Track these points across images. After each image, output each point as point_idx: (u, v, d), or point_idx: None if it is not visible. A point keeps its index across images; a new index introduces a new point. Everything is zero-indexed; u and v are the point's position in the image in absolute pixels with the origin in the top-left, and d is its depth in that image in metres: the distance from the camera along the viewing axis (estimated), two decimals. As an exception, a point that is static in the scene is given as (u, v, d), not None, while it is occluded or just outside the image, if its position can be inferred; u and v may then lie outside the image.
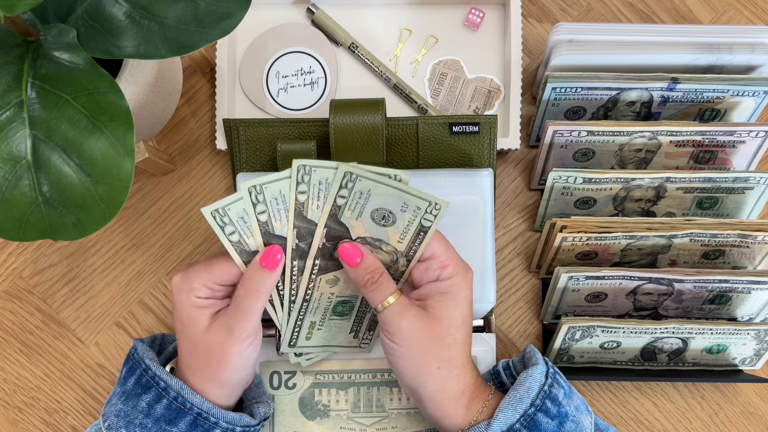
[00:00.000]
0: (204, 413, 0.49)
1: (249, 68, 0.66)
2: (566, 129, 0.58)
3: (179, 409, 0.49)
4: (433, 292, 0.50)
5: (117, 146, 0.44)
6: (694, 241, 0.59)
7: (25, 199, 0.44)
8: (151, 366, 0.50)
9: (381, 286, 0.50)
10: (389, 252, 0.51)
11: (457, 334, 0.50)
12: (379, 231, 0.50)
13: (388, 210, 0.49)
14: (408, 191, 0.49)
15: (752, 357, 0.60)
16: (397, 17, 0.67)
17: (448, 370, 0.49)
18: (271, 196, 0.49)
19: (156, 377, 0.50)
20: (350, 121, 0.57)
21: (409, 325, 0.49)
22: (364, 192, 0.49)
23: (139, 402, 0.49)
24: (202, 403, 0.49)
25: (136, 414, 0.49)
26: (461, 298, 0.50)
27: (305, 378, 0.58)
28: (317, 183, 0.49)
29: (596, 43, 0.59)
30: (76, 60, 0.44)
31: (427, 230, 0.50)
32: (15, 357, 0.64)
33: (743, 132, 0.59)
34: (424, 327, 0.49)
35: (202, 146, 0.66)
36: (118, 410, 0.50)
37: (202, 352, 0.49)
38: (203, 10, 0.46)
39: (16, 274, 0.65)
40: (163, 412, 0.49)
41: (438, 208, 0.49)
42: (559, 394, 0.49)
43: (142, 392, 0.50)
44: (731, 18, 0.68)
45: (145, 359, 0.51)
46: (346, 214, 0.50)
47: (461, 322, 0.50)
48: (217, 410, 0.50)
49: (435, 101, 0.66)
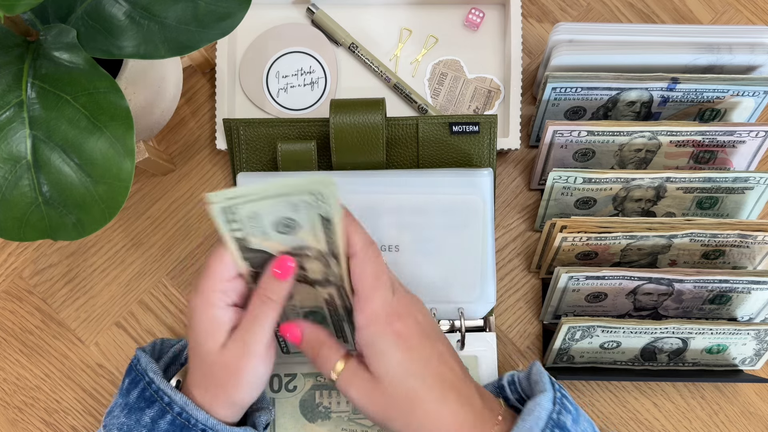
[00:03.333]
0: (209, 429, 0.48)
1: (249, 68, 0.66)
2: (566, 129, 0.58)
3: (183, 425, 0.48)
4: (361, 346, 0.47)
5: (117, 146, 0.44)
6: (694, 241, 0.59)
7: (25, 199, 0.44)
8: (155, 379, 0.49)
9: (323, 357, 0.48)
10: (316, 256, 0.46)
11: (411, 385, 0.45)
12: (292, 240, 0.46)
13: (283, 217, 0.45)
14: (285, 192, 0.43)
15: (752, 357, 0.60)
16: (397, 17, 0.67)
17: (430, 422, 0.45)
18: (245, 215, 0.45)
19: (160, 391, 0.48)
20: (350, 121, 0.57)
21: (359, 396, 0.46)
22: (252, 214, 0.45)
23: (143, 416, 0.48)
24: (207, 419, 0.48)
25: (139, 429, 0.48)
26: (386, 346, 0.45)
27: (306, 380, 0.58)
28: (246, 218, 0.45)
29: (596, 43, 0.59)
30: (76, 60, 0.44)
31: (331, 219, 0.44)
32: (15, 357, 0.64)
33: (743, 132, 0.59)
34: (372, 395, 0.46)
35: (202, 146, 0.66)
36: (120, 423, 0.49)
37: (217, 370, 0.48)
38: (203, 10, 0.46)
39: (16, 274, 0.65)
40: (166, 427, 0.48)
41: (322, 194, 0.42)
42: (567, 420, 0.47)
43: (146, 406, 0.48)
44: (731, 18, 0.68)
45: (148, 372, 0.49)
46: (253, 241, 0.46)
47: (404, 370, 0.45)
48: (223, 427, 0.48)
49: (435, 101, 0.66)
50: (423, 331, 0.47)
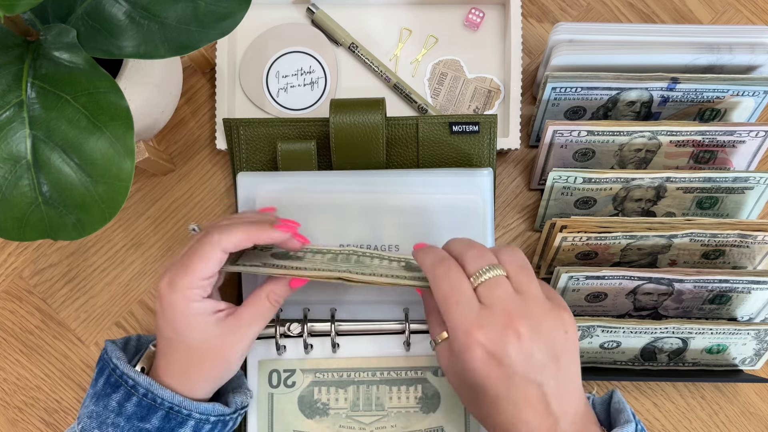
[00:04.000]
0: (176, 406, 0.49)
1: (249, 68, 0.66)
2: (566, 129, 0.58)
3: (150, 405, 0.49)
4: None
5: (117, 146, 0.44)
6: (694, 241, 0.59)
7: (25, 199, 0.44)
8: (119, 365, 0.50)
9: (433, 321, 0.49)
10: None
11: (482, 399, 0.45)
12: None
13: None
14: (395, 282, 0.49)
15: (752, 357, 0.60)
16: (397, 17, 0.67)
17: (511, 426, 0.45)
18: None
19: (124, 375, 0.50)
20: (350, 121, 0.57)
21: (448, 375, 0.47)
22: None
23: (110, 401, 0.49)
24: (172, 397, 0.49)
25: (107, 414, 0.49)
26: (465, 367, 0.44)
27: (304, 376, 0.58)
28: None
29: (596, 43, 0.59)
30: (76, 60, 0.44)
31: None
32: (15, 357, 0.64)
33: (743, 132, 0.59)
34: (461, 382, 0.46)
35: (202, 146, 0.66)
36: (90, 411, 0.50)
37: (206, 358, 0.50)
38: (203, 10, 0.46)
39: (16, 274, 0.65)
40: (134, 409, 0.49)
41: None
42: None
43: (112, 391, 0.50)
44: (731, 18, 0.68)
45: (113, 359, 0.50)
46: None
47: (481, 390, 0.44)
48: (189, 402, 0.50)
49: (435, 101, 0.66)
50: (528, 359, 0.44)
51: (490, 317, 0.43)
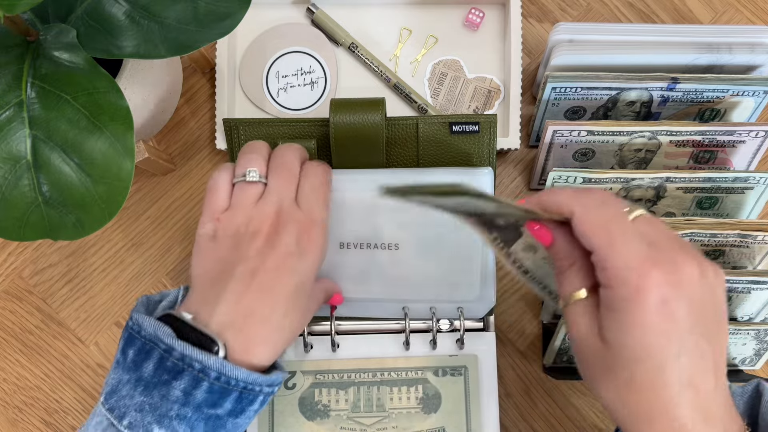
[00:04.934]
0: (249, 385, 0.43)
1: (249, 68, 0.66)
2: (566, 129, 0.58)
3: (223, 389, 0.42)
4: (602, 300, 0.37)
5: (117, 146, 0.44)
6: (693, 241, 0.59)
7: (25, 199, 0.44)
8: (175, 345, 0.42)
9: (570, 275, 0.40)
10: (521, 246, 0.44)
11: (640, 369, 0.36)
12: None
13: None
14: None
15: (752, 357, 0.60)
16: (397, 17, 0.67)
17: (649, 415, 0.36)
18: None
19: (186, 358, 0.42)
20: (350, 121, 0.57)
21: (578, 339, 0.38)
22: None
23: (171, 391, 0.42)
24: (247, 375, 0.43)
25: (169, 405, 0.41)
26: (633, 320, 0.35)
27: (305, 378, 0.58)
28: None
29: (596, 43, 0.59)
30: (76, 60, 0.44)
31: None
32: (15, 357, 0.64)
33: (743, 132, 0.59)
34: (591, 349, 0.38)
35: (202, 146, 0.66)
36: (139, 403, 0.42)
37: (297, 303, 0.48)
38: (203, 10, 0.46)
39: (16, 274, 0.65)
40: (204, 396, 0.42)
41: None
42: None
43: (172, 378, 0.42)
44: (731, 18, 0.68)
45: (162, 337, 0.42)
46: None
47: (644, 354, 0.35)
48: (261, 378, 0.44)
49: (435, 101, 0.66)
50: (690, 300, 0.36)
51: (661, 254, 0.35)
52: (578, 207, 0.38)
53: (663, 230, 0.37)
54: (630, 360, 0.36)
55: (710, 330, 0.36)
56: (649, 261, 0.35)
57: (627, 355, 0.36)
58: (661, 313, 0.35)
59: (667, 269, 0.35)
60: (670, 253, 0.36)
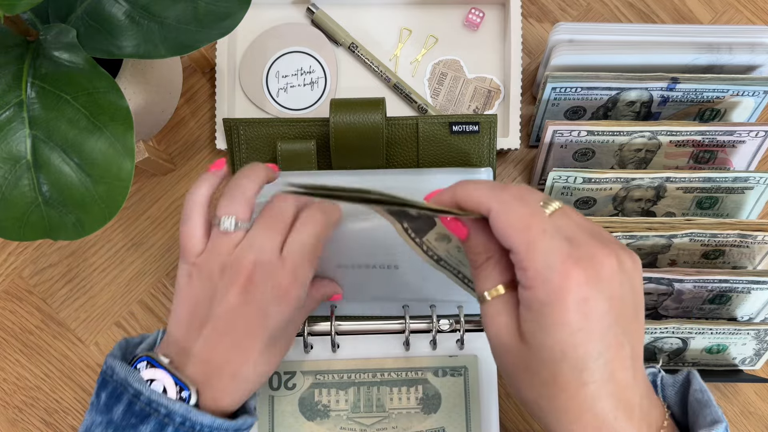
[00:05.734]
0: (215, 431, 0.44)
1: (249, 68, 0.66)
2: (566, 129, 0.58)
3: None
4: (521, 299, 0.36)
5: (117, 146, 0.44)
6: (693, 241, 0.59)
7: (25, 199, 0.44)
8: (143, 390, 0.43)
9: (486, 270, 0.38)
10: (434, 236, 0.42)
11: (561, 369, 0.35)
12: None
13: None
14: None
15: (752, 357, 0.60)
16: (397, 17, 0.67)
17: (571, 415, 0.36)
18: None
19: (153, 402, 0.43)
20: (350, 121, 0.57)
21: (496, 337, 0.37)
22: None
23: None
24: (212, 421, 0.44)
25: None
26: (554, 320, 0.34)
27: (305, 378, 0.58)
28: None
29: (596, 43, 0.59)
30: (75, 60, 0.44)
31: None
32: (15, 357, 0.64)
33: (743, 132, 0.59)
34: (509, 346, 0.37)
35: (202, 146, 0.66)
36: None
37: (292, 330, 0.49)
38: (203, 10, 0.46)
39: (16, 274, 0.65)
40: None
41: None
42: None
43: (139, 422, 0.43)
44: (731, 18, 0.68)
45: (132, 382, 0.43)
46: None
47: (565, 354, 0.35)
48: (227, 423, 0.45)
49: (435, 101, 0.66)
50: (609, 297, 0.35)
51: (580, 251, 0.35)
52: (495, 204, 0.37)
53: (580, 222, 0.37)
54: (551, 360, 0.35)
55: (629, 322, 0.36)
56: (570, 260, 0.34)
57: (547, 354, 0.35)
58: (581, 312, 0.34)
59: (586, 266, 0.34)
60: (589, 249, 0.35)
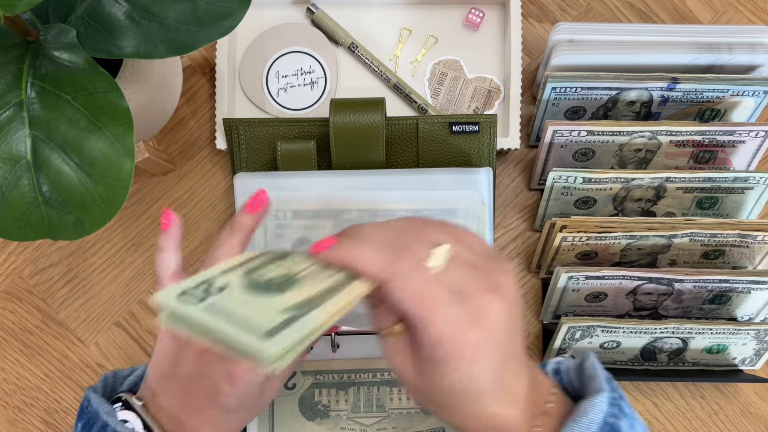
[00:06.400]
0: None
1: (249, 68, 0.66)
2: (566, 129, 0.58)
3: None
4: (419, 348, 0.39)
5: (117, 146, 0.44)
6: (694, 241, 0.59)
7: (25, 199, 0.44)
8: (110, 422, 0.44)
9: (377, 315, 0.41)
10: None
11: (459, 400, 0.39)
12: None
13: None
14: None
15: (752, 357, 0.60)
16: (397, 17, 0.67)
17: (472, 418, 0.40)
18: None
19: None
20: (350, 121, 0.57)
21: (396, 370, 0.40)
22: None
23: None
24: None
25: None
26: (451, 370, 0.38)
27: (305, 378, 0.58)
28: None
29: (596, 43, 0.59)
30: (75, 60, 0.44)
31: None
32: (15, 357, 0.64)
33: (743, 132, 0.59)
34: (410, 379, 0.40)
35: (202, 146, 0.66)
36: None
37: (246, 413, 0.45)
38: (203, 10, 0.46)
39: (16, 273, 0.65)
40: None
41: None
42: (624, 425, 0.41)
43: None
44: (731, 18, 0.68)
45: (101, 414, 0.45)
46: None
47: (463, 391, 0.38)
48: None
49: (435, 101, 0.66)
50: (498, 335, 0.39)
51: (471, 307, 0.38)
52: (387, 273, 0.38)
53: (466, 265, 0.39)
54: (450, 393, 0.39)
55: (514, 337, 0.39)
56: (464, 323, 0.37)
57: (446, 391, 0.39)
58: (475, 360, 0.37)
59: (476, 321, 0.37)
60: (478, 300, 0.38)
